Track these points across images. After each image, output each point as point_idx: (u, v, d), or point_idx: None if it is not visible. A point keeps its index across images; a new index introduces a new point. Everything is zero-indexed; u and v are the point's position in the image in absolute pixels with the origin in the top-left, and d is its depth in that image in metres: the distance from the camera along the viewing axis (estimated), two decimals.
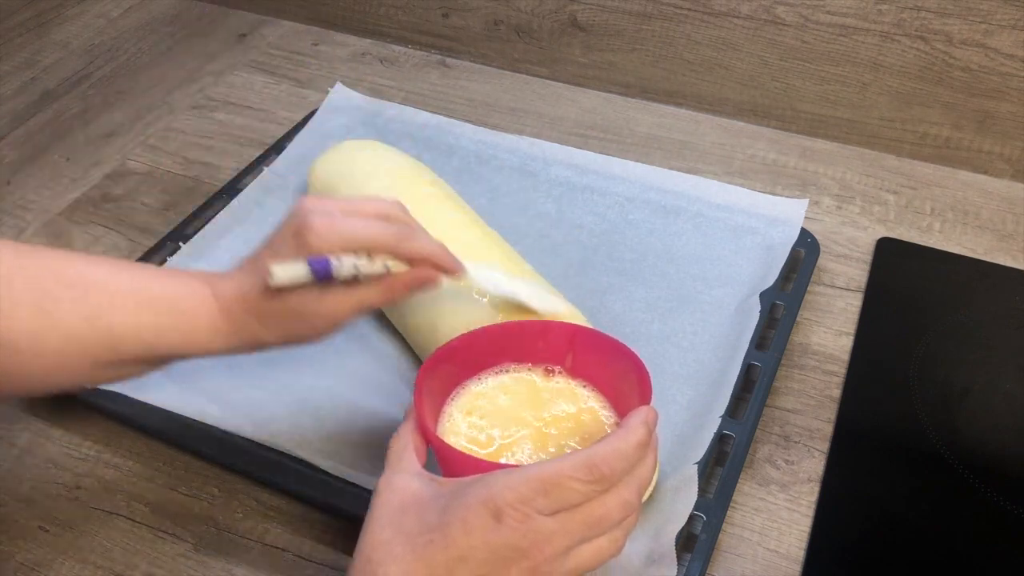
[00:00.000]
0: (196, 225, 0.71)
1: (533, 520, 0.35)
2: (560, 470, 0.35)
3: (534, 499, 0.35)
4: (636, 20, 0.83)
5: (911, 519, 0.52)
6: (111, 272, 0.47)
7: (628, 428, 0.37)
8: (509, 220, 0.70)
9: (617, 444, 0.36)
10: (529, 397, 0.47)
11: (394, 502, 0.38)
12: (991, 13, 0.69)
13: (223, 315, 0.46)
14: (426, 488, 0.38)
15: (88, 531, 0.53)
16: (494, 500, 0.35)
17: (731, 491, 0.51)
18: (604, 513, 0.36)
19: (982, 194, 0.75)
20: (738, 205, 0.70)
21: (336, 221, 0.44)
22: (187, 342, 0.46)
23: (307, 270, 0.43)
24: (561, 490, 0.35)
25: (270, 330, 0.46)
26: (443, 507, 0.36)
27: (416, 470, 0.39)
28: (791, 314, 0.61)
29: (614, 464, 0.36)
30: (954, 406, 0.58)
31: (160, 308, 0.46)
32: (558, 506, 0.35)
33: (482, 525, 0.35)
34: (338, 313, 0.46)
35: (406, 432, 0.41)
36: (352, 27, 0.98)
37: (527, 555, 0.35)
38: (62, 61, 0.96)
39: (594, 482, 0.35)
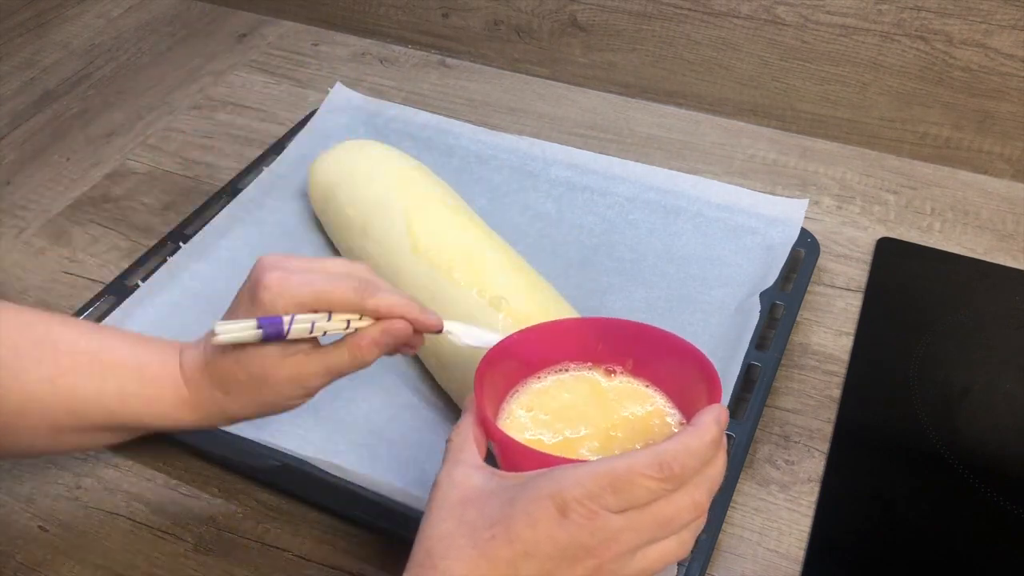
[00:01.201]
0: (196, 225, 0.71)
1: (601, 517, 0.33)
2: (631, 466, 0.34)
3: (602, 495, 0.33)
4: (636, 20, 0.83)
5: (911, 519, 0.52)
6: (80, 333, 0.45)
7: (700, 426, 0.36)
8: (509, 220, 0.70)
9: (689, 442, 0.35)
10: (592, 396, 0.45)
11: (455, 495, 0.36)
12: (991, 13, 0.69)
13: (188, 385, 0.45)
14: (488, 481, 0.36)
15: (88, 531, 0.53)
16: (561, 494, 0.33)
17: (731, 491, 0.51)
18: (674, 513, 0.35)
19: (982, 194, 0.75)
20: (738, 205, 0.69)
21: (292, 277, 0.42)
22: (152, 412, 0.45)
23: (255, 329, 0.41)
24: (631, 487, 0.34)
25: (235, 399, 0.45)
26: (507, 500, 0.35)
27: (477, 463, 0.38)
28: (791, 314, 0.61)
29: (686, 462, 0.34)
30: (954, 406, 0.58)
31: (125, 374, 0.44)
32: (627, 504, 0.34)
33: (548, 520, 0.33)
34: (303, 377, 0.44)
35: (466, 425, 0.40)
36: (352, 27, 0.98)
37: (593, 553, 0.34)
38: (62, 61, 0.96)
39: (665, 480, 0.34)
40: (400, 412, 0.58)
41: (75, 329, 0.46)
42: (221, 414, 0.46)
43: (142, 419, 0.45)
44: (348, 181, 0.67)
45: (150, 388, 0.45)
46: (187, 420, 0.46)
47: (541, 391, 0.45)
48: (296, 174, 0.75)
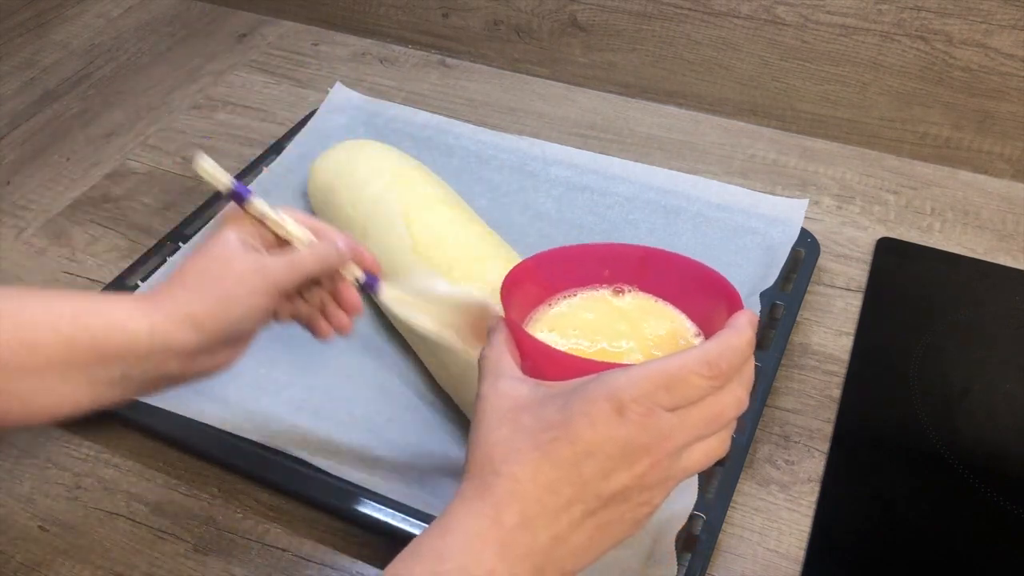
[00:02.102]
0: (196, 225, 0.71)
1: (656, 415, 0.34)
2: (683, 365, 0.35)
3: (656, 393, 0.34)
4: (636, 20, 0.83)
5: (911, 519, 0.52)
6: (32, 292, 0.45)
7: (738, 327, 0.37)
8: (509, 220, 0.70)
9: (732, 339, 0.36)
10: (608, 313, 0.46)
11: (505, 404, 0.37)
12: (991, 13, 0.69)
13: (146, 294, 0.45)
14: (536, 390, 0.37)
15: (88, 531, 0.53)
16: (617, 395, 0.34)
17: (731, 491, 0.51)
18: (721, 409, 0.36)
19: (982, 194, 0.75)
20: (738, 205, 0.69)
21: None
22: (108, 325, 0.43)
23: (230, 180, 0.45)
24: (683, 385, 0.35)
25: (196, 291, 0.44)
26: (562, 405, 0.35)
27: (519, 375, 0.38)
28: (791, 314, 0.61)
29: (731, 359, 0.36)
30: (954, 406, 0.58)
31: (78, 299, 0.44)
32: (680, 401, 0.35)
33: (606, 420, 0.34)
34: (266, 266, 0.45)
35: (499, 342, 0.40)
36: (352, 27, 0.98)
37: (649, 451, 0.35)
38: (62, 61, 0.96)
39: (714, 378, 0.35)
40: (400, 413, 0.58)
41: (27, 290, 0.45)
42: (183, 313, 0.43)
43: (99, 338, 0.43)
44: (348, 181, 0.67)
45: (104, 303, 0.43)
46: (143, 325, 0.43)
47: (558, 315, 0.46)
48: (296, 174, 0.75)
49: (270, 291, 0.45)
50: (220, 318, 0.44)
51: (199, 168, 0.44)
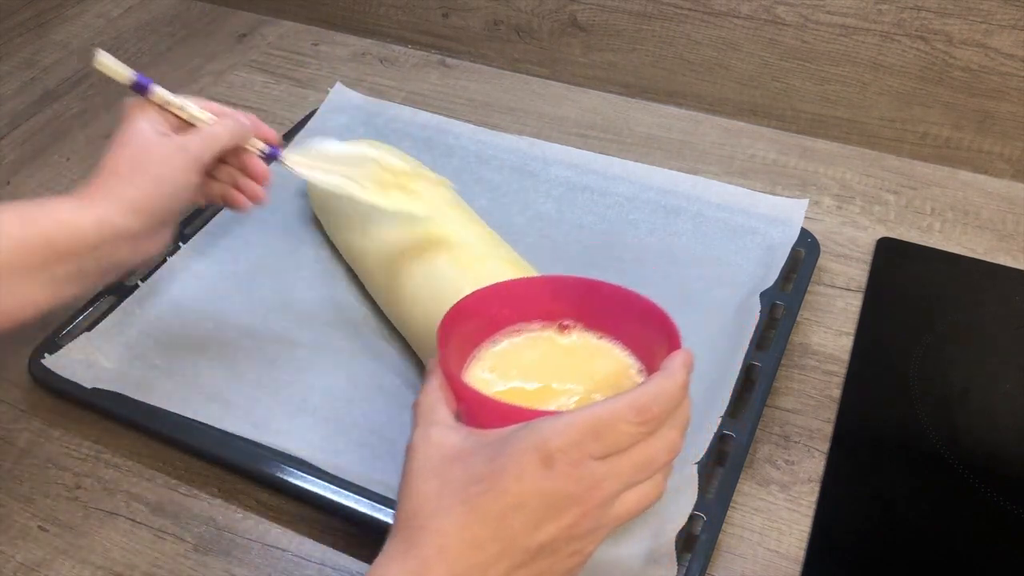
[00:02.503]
0: (196, 225, 0.71)
1: (585, 465, 0.34)
2: (613, 412, 0.35)
3: (585, 443, 0.34)
4: (636, 20, 0.83)
5: (911, 519, 0.52)
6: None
7: (672, 370, 0.37)
8: (509, 220, 0.70)
9: (663, 384, 0.36)
10: (552, 352, 0.46)
11: (435, 455, 0.37)
12: (991, 13, 0.69)
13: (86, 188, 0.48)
14: (467, 439, 0.37)
15: (88, 531, 0.53)
16: (545, 445, 0.34)
17: (731, 491, 0.51)
18: (653, 454, 0.36)
19: (982, 194, 0.75)
20: (738, 205, 0.69)
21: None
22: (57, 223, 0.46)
23: (131, 72, 0.49)
24: (612, 432, 0.34)
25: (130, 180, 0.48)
26: (491, 456, 0.35)
27: (451, 423, 0.38)
28: (791, 314, 0.61)
29: (662, 404, 0.36)
30: (954, 406, 0.58)
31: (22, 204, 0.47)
32: (609, 449, 0.35)
33: (534, 472, 0.34)
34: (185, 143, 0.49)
35: (433, 388, 0.40)
36: (352, 27, 0.98)
37: (579, 501, 0.34)
38: (62, 61, 0.96)
39: (644, 423, 0.35)
40: (400, 412, 0.57)
41: None
42: (125, 202, 0.48)
43: (50, 236, 0.46)
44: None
45: (49, 204, 0.47)
46: (91, 220, 0.47)
47: (500, 353, 0.46)
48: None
49: (193, 166, 0.50)
50: (155, 198, 0.49)
51: (99, 64, 0.48)
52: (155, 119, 0.51)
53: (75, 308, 0.65)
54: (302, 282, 0.67)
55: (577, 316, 0.47)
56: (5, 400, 0.61)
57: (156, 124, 0.50)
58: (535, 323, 0.47)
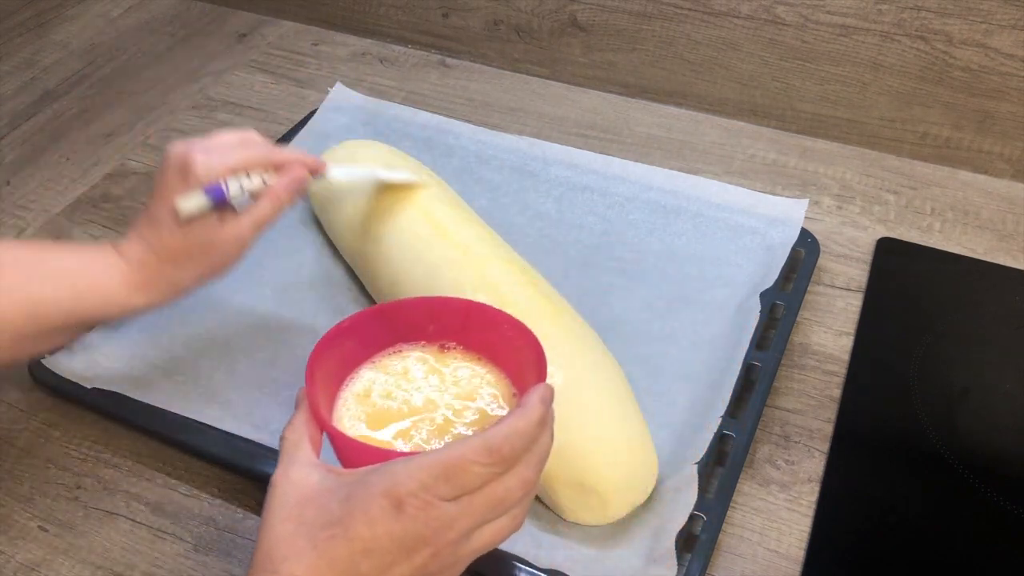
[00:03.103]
0: None
1: (435, 507, 0.35)
2: (461, 454, 0.35)
3: (435, 486, 0.34)
4: (636, 20, 0.83)
5: (911, 519, 0.52)
6: (16, 247, 0.50)
7: (526, 407, 0.37)
8: (509, 220, 0.70)
9: (516, 424, 0.36)
10: (427, 376, 0.46)
11: (293, 495, 0.37)
12: (991, 13, 0.69)
13: (136, 271, 0.50)
14: (325, 480, 0.37)
15: (88, 531, 0.53)
16: (395, 490, 0.34)
17: (731, 491, 0.51)
18: (505, 494, 0.36)
19: (982, 194, 0.75)
20: (738, 205, 0.69)
21: (212, 152, 0.50)
22: (107, 303, 0.50)
23: (206, 197, 0.49)
24: (462, 474, 0.35)
25: (186, 270, 0.51)
26: (344, 498, 0.35)
27: (313, 461, 0.38)
28: (791, 314, 0.61)
29: (514, 444, 0.36)
30: (954, 406, 0.58)
31: (75, 274, 0.49)
32: (459, 491, 0.35)
33: (384, 516, 0.34)
34: (241, 234, 0.51)
35: (300, 422, 0.40)
36: (352, 27, 0.98)
37: (429, 542, 0.35)
38: (62, 61, 0.96)
39: (495, 464, 0.35)
40: None
41: (11, 246, 0.51)
42: (172, 288, 0.52)
43: (98, 312, 0.50)
44: None
45: (102, 282, 0.50)
46: (140, 303, 0.51)
47: (375, 377, 0.46)
48: None
49: (244, 249, 0.52)
50: (207, 280, 0.53)
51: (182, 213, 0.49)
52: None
53: None
54: (302, 282, 0.67)
55: (458, 338, 0.47)
56: (5, 400, 0.61)
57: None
58: (415, 344, 0.47)
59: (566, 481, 0.49)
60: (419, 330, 0.47)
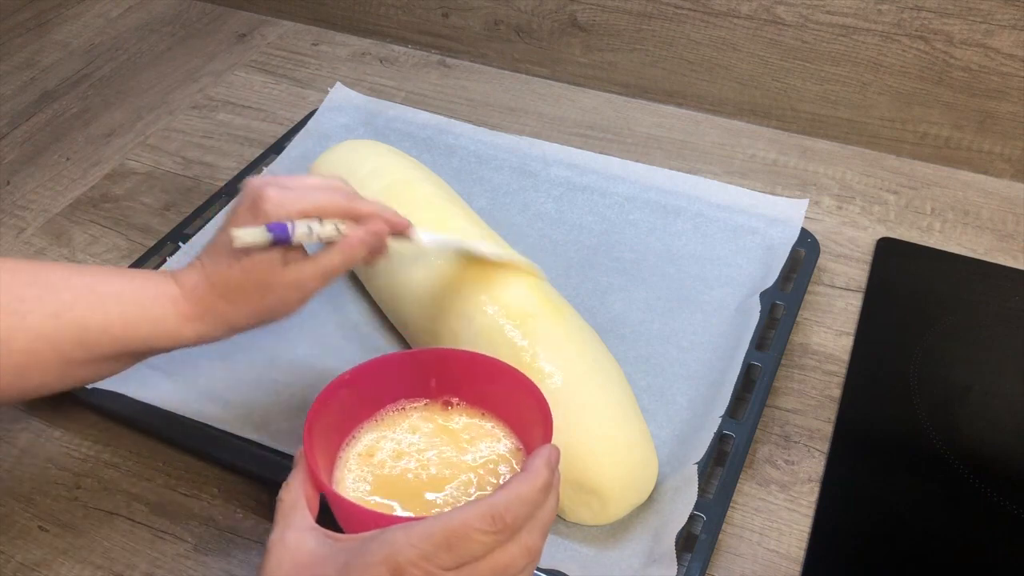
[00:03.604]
0: (196, 225, 0.71)
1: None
2: (464, 522, 0.34)
3: (436, 555, 0.33)
4: (636, 20, 0.83)
5: (911, 519, 0.52)
6: (71, 271, 0.48)
7: (531, 472, 0.36)
8: (509, 220, 0.70)
9: (520, 490, 0.35)
10: (430, 434, 0.44)
11: (288, 560, 0.36)
12: (991, 13, 0.69)
13: (189, 301, 0.47)
14: (322, 546, 0.36)
15: (88, 531, 0.53)
16: (395, 558, 0.33)
17: (731, 491, 0.51)
18: (508, 562, 0.35)
19: (982, 194, 0.75)
20: (738, 205, 0.69)
21: (288, 191, 0.46)
22: (157, 332, 0.47)
23: (266, 233, 0.45)
24: (465, 542, 0.33)
25: (239, 308, 0.47)
26: (342, 565, 0.34)
27: (309, 525, 0.37)
28: (791, 314, 0.61)
29: (518, 511, 0.35)
30: (954, 406, 0.58)
31: (126, 300, 0.47)
32: (461, 560, 0.34)
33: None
34: (302, 280, 0.47)
35: (297, 484, 0.39)
36: (352, 27, 0.98)
37: None
38: (62, 61, 0.96)
39: (498, 532, 0.34)
40: None
41: (64, 268, 0.49)
42: (224, 324, 0.48)
43: (148, 341, 0.47)
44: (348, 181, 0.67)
45: (153, 310, 0.47)
46: (190, 336, 0.48)
47: (377, 436, 0.44)
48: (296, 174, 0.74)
49: (304, 299, 0.48)
50: (258, 322, 0.49)
51: (240, 243, 0.45)
52: None
53: None
54: None
55: (460, 391, 0.46)
56: None
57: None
58: (418, 401, 0.46)
59: (566, 481, 0.49)
60: (421, 384, 0.46)
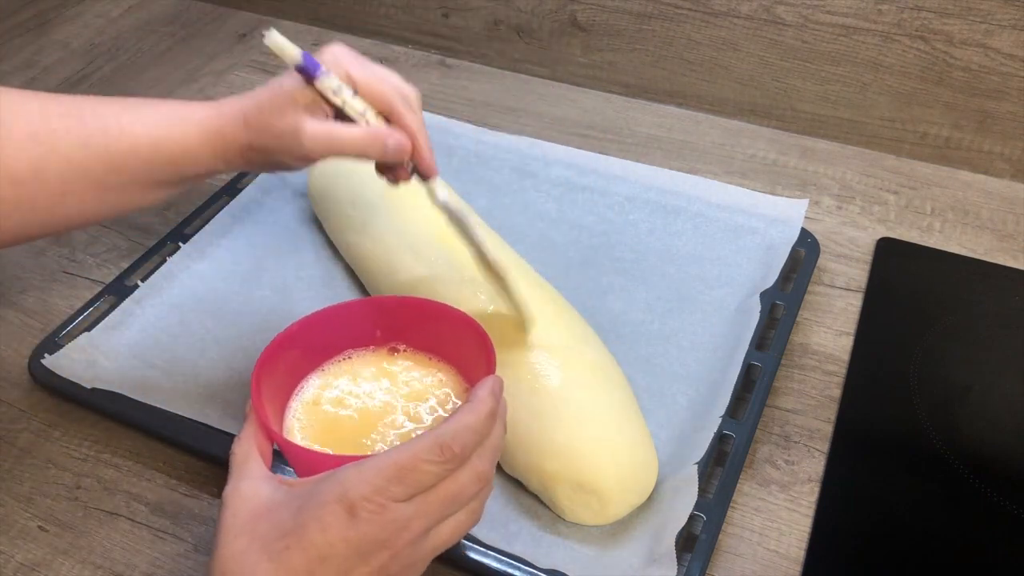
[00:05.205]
0: (196, 225, 0.71)
1: (389, 510, 0.34)
2: (413, 454, 0.35)
3: (388, 488, 0.34)
4: (636, 20, 0.83)
5: (911, 519, 0.52)
6: (100, 102, 0.48)
7: (476, 401, 0.37)
8: (509, 220, 0.70)
9: (466, 419, 0.36)
10: (377, 378, 0.46)
11: (244, 510, 0.37)
12: (991, 13, 0.69)
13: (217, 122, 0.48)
14: (276, 492, 0.37)
15: (88, 531, 0.53)
16: (347, 495, 0.34)
17: (731, 491, 0.51)
18: (459, 489, 0.36)
19: (982, 194, 0.75)
20: (738, 205, 0.70)
21: (356, 58, 0.47)
22: (183, 151, 0.47)
23: (297, 53, 0.45)
24: (415, 474, 0.35)
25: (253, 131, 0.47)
26: (297, 509, 0.35)
27: (263, 474, 0.38)
28: (791, 314, 0.61)
29: (465, 440, 0.36)
30: (954, 406, 0.58)
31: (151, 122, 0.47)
32: (413, 491, 0.35)
33: (338, 522, 0.34)
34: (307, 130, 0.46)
35: (248, 436, 0.40)
36: (352, 27, 0.98)
37: (387, 545, 0.35)
38: (62, 61, 0.96)
39: (447, 461, 0.35)
40: None
41: (95, 100, 0.49)
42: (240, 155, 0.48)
43: (175, 162, 0.48)
44: (347, 181, 0.67)
45: (177, 131, 0.47)
46: (209, 159, 0.48)
47: (323, 383, 0.45)
48: (296, 174, 0.75)
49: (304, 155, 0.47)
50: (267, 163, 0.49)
51: (270, 42, 0.45)
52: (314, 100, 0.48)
53: (75, 308, 0.65)
54: (302, 282, 0.67)
55: (406, 338, 0.47)
56: (5, 400, 0.61)
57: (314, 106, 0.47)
58: (364, 349, 0.47)
59: (566, 481, 0.49)
60: (367, 335, 0.47)
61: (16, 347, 0.64)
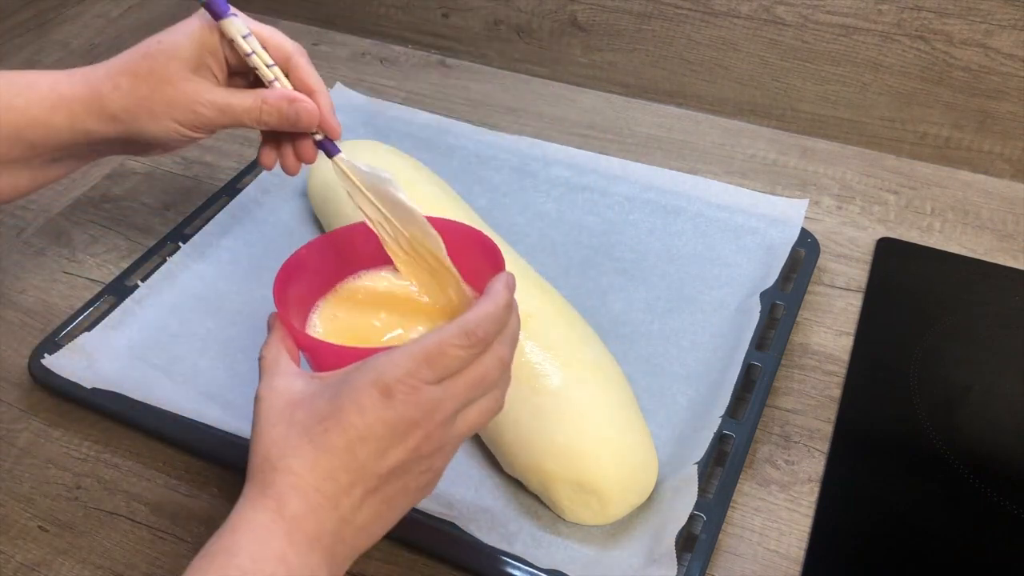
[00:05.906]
0: (196, 225, 0.71)
1: (422, 391, 0.36)
2: (441, 339, 0.37)
3: (419, 371, 0.36)
4: (636, 20, 0.83)
5: (911, 519, 0.52)
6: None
7: (494, 292, 0.40)
8: (509, 220, 0.70)
9: (488, 308, 0.38)
10: (389, 292, 0.48)
11: (280, 401, 0.38)
12: (991, 13, 0.69)
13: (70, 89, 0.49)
14: (310, 384, 0.39)
15: (88, 531, 0.53)
16: (382, 378, 0.36)
17: (731, 491, 0.51)
18: (484, 372, 0.39)
19: (982, 194, 0.75)
20: (738, 205, 0.70)
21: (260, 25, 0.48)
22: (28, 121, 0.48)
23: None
24: (443, 359, 0.37)
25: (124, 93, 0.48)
26: (333, 395, 0.37)
27: (295, 371, 0.40)
28: (791, 314, 0.61)
29: (488, 327, 0.38)
30: (954, 406, 0.58)
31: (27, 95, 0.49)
32: (443, 374, 0.37)
33: (374, 404, 0.36)
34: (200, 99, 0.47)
35: (275, 340, 0.42)
36: (352, 27, 0.98)
37: (420, 424, 0.37)
38: (62, 61, 0.96)
39: (472, 346, 0.37)
40: None
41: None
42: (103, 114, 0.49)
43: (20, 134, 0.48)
44: None
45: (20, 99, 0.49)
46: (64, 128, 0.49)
47: (338, 301, 0.48)
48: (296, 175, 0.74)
49: (190, 127, 0.48)
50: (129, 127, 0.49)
51: None
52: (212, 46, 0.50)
53: (75, 308, 0.65)
54: None
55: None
56: (5, 400, 0.61)
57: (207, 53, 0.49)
58: (375, 268, 0.49)
59: (566, 481, 0.49)
60: (377, 254, 0.49)
61: (16, 347, 0.64)
